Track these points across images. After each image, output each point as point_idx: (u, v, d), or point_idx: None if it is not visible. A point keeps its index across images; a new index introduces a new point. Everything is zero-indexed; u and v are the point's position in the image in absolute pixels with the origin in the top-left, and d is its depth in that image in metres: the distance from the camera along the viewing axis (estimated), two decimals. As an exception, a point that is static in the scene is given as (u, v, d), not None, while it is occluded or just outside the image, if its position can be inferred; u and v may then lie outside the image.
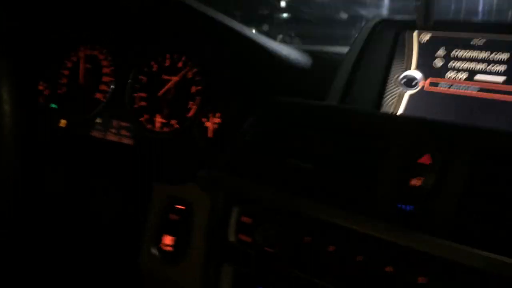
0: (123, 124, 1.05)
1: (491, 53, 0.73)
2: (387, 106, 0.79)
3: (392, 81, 0.80)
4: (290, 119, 0.77)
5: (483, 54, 0.73)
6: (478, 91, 0.72)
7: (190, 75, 0.99)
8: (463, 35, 0.76)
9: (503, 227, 0.53)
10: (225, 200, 0.78)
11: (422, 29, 0.77)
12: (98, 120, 1.08)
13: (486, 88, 0.72)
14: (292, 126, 0.76)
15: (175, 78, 1.01)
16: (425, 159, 0.60)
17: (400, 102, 0.78)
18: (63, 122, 1.13)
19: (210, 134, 0.93)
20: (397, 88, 0.79)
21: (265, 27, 1.62)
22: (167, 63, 1.02)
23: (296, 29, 1.67)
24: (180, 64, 1.01)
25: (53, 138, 1.13)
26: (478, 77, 0.73)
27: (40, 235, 0.97)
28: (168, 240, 0.87)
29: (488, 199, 0.56)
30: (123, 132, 1.04)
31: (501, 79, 0.71)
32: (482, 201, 0.56)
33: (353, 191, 0.65)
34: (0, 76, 0.54)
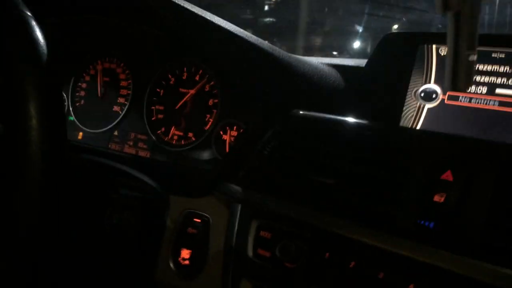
0: (141, 136, 1.06)
1: (511, 67, 0.72)
2: (407, 119, 0.79)
3: (411, 95, 0.80)
4: (310, 133, 0.77)
5: (503, 68, 0.73)
6: (499, 105, 0.71)
7: (207, 88, 1.00)
8: (483, 48, 0.75)
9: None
10: (244, 214, 0.77)
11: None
12: (115, 133, 1.09)
13: (507, 101, 0.71)
14: (312, 140, 0.76)
15: (192, 91, 1.02)
16: (447, 175, 0.59)
17: (419, 116, 0.78)
18: (80, 135, 1.15)
19: (227, 147, 0.94)
20: (416, 102, 0.79)
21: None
22: (184, 76, 1.03)
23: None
24: (197, 77, 1.02)
25: (71, 151, 1.14)
26: (499, 91, 0.72)
27: (57, 247, 0.98)
28: (185, 253, 0.87)
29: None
30: (140, 144, 1.05)
31: (522, 93, 0.70)
32: (507, 218, 0.55)
33: (374, 207, 0.65)
34: (28, 91, 0.55)
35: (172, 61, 1.05)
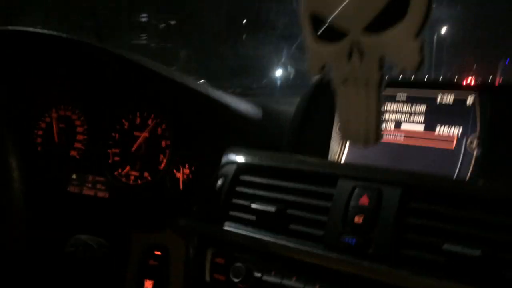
0: (98, 178, 1.14)
1: (411, 106, 0.89)
2: (333, 153, 0.93)
3: (336, 131, 0.95)
4: (250, 168, 0.89)
5: (406, 107, 0.89)
6: (404, 137, 0.88)
7: (159, 131, 1.10)
8: (390, 90, 0.92)
9: (431, 253, 0.67)
10: (199, 244, 0.88)
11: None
12: (73, 176, 1.17)
13: (410, 135, 0.87)
14: (253, 174, 0.88)
15: (145, 134, 1.12)
16: (364, 200, 0.74)
17: (343, 149, 0.93)
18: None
19: (181, 184, 1.04)
20: (339, 138, 0.94)
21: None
22: (138, 120, 1.13)
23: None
24: (149, 121, 1.12)
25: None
26: (403, 126, 0.89)
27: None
28: (148, 284, 0.96)
29: (418, 230, 0.70)
30: (99, 186, 1.13)
31: (421, 127, 0.87)
32: (411, 232, 0.70)
33: (308, 229, 0.78)
34: (7, 145, 0.63)
35: (125, 106, 1.14)
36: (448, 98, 0.86)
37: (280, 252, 0.79)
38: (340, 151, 0.92)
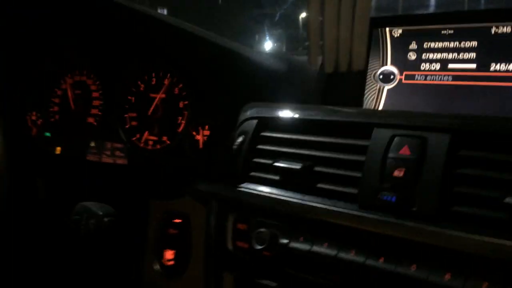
0: (117, 145, 1.07)
1: (460, 42, 0.75)
2: (368, 102, 0.81)
3: (371, 78, 0.82)
4: (276, 124, 0.79)
5: (453, 44, 0.76)
6: (452, 80, 0.74)
7: (176, 91, 1.01)
8: (433, 26, 0.78)
9: (489, 209, 0.55)
10: (220, 210, 0.80)
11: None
12: (92, 144, 1.11)
13: (459, 75, 0.74)
14: (278, 131, 0.78)
15: (162, 95, 1.03)
16: (405, 150, 0.62)
17: (380, 97, 0.80)
18: (58, 149, 1.16)
19: (200, 146, 0.96)
20: (375, 84, 0.81)
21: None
22: (154, 81, 1.05)
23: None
24: (166, 81, 1.03)
25: (51, 165, 1.15)
26: (451, 66, 0.75)
27: (43, 257, 1.00)
28: (169, 254, 0.89)
29: (471, 182, 0.58)
30: (117, 153, 1.07)
31: (472, 66, 0.73)
32: (464, 185, 0.58)
33: (340, 188, 0.67)
34: None
35: (140, 67, 1.06)
36: (504, 29, 0.72)
37: (309, 214, 0.69)
38: (377, 100, 0.80)
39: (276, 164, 0.72)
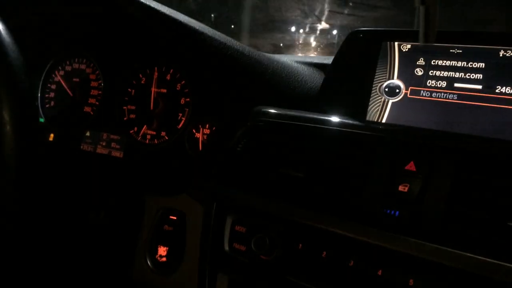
0: (113, 137, 1.06)
1: (468, 62, 0.76)
2: (372, 114, 0.82)
3: (376, 90, 0.83)
4: (280, 129, 0.79)
5: (460, 63, 0.77)
6: (458, 98, 0.76)
7: (178, 87, 1.01)
8: (442, 44, 0.79)
9: (487, 231, 0.56)
10: (218, 210, 0.79)
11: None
12: (87, 134, 1.09)
13: (465, 95, 0.75)
14: (282, 136, 0.78)
15: (163, 91, 1.02)
16: (411, 166, 0.63)
17: (384, 110, 0.81)
18: (51, 136, 1.14)
19: (200, 145, 0.95)
20: (380, 97, 0.82)
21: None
22: (155, 75, 1.04)
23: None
24: (168, 77, 1.02)
25: (42, 152, 1.13)
26: (457, 84, 0.76)
27: (33, 247, 0.98)
28: (162, 250, 0.88)
29: (472, 204, 0.59)
30: (113, 145, 1.06)
31: (478, 86, 0.74)
32: (467, 206, 0.59)
33: (343, 198, 0.68)
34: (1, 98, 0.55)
35: (142, 60, 1.05)
36: (512, 53, 0.73)
37: (309, 222, 0.69)
38: (381, 112, 0.81)
39: (280, 170, 0.73)
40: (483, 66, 0.75)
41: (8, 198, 0.57)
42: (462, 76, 0.76)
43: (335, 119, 0.75)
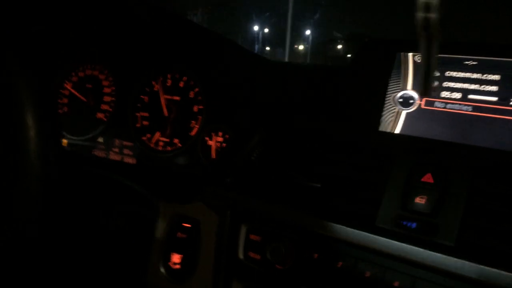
0: (126, 143, 1.07)
1: (483, 74, 0.77)
2: (386, 124, 0.82)
3: (390, 100, 0.84)
4: (295, 138, 0.80)
5: (475, 75, 0.77)
6: (472, 110, 0.76)
7: (192, 94, 1.01)
8: (456, 56, 0.80)
9: (504, 243, 0.57)
10: (233, 218, 0.80)
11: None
12: (100, 140, 1.10)
13: (479, 107, 0.76)
14: (297, 145, 0.79)
15: (176, 98, 1.03)
16: (428, 178, 0.63)
17: (398, 120, 0.82)
18: (64, 142, 1.15)
19: (213, 153, 0.96)
20: (394, 107, 0.83)
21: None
22: (169, 83, 1.05)
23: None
24: (181, 84, 1.03)
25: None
26: (472, 96, 0.77)
27: (47, 254, 0.98)
28: (176, 258, 0.89)
29: (490, 216, 0.60)
30: (126, 151, 1.06)
31: (493, 98, 0.75)
32: (484, 218, 0.60)
33: (359, 209, 0.68)
34: (25, 102, 0.56)
35: (156, 67, 1.06)
36: (527, 65, 0.74)
37: (324, 232, 0.70)
38: (395, 123, 0.82)
39: (296, 180, 0.73)
40: (499, 78, 0.76)
41: (35, 204, 0.58)
42: (477, 88, 0.77)
43: (350, 129, 0.76)
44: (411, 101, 0.82)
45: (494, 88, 0.75)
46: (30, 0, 0.89)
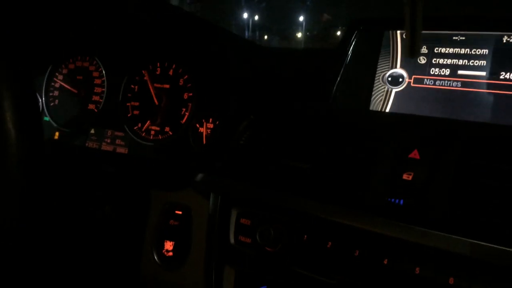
0: (117, 133, 1.06)
1: (471, 49, 0.75)
2: (376, 103, 0.81)
3: (379, 79, 0.83)
4: (284, 120, 0.79)
5: (464, 50, 0.76)
6: (461, 86, 0.75)
7: (181, 82, 1.01)
8: (444, 32, 0.78)
9: (492, 217, 0.56)
10: (223, 204, 0.79)
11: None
12: (92, 131, 1.10)
13: (468, 82, 0.75)
14: (286, 127, 0.78)
15: (166, 86, 1.03)
16: (415, 154, 0.63)
17: (388, 99, 0.81)
18: (56, 135, 1.14)
19: (204, 139, 0.95)
20: (384, 86, 0.82)
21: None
22: (158, 71, 1.04)
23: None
24: (171, 72, 1.02)
25: (48, 151, 1.14)
26: (461, 72, 0.76)
27: (41, 244, 0.98)
28: (168, 245, 0.89)
29: (477, 190, 0.59)
30: (118, 141, 1.06)
31: (482, 73, 0.74)
32: (471, 192, 0.59)
33: (347, 188, 0.68)
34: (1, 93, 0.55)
35: (144, 56, 1.05)
36: (516, 38, 0.73)
37: (314, 213, 0.69)
38: (385, 102, 0.81)
39: (283, 161, 0.72)
40: (487, 53, 0.74)
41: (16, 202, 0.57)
42: (466, 63, 0.76)
43: (340, 109, 0.75)
44: (401, 80, 0.81)
45: (483, 63, 0.74)
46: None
